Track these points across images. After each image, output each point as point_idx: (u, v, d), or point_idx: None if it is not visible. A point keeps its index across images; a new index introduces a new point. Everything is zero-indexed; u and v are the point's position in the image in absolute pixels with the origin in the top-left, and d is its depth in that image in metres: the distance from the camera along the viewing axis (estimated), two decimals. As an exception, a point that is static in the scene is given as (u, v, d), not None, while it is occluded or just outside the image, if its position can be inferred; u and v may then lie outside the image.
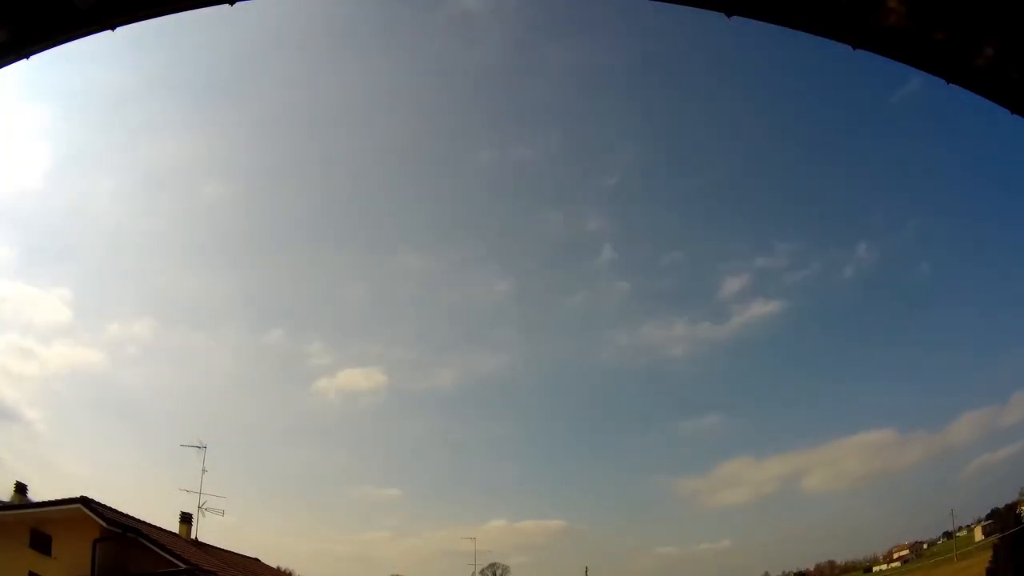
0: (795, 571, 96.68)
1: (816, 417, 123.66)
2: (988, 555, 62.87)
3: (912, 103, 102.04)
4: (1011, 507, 76.25)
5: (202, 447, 30.76)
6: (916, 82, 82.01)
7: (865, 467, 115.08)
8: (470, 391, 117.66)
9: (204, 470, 29.75)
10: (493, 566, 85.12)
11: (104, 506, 22.46)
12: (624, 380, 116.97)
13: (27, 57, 6.56)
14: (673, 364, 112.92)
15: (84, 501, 21.72)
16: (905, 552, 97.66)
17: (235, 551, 31.70)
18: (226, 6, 6.84)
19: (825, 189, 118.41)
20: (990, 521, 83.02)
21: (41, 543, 22.12)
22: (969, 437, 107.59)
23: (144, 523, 23.97)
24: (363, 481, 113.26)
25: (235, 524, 63.12)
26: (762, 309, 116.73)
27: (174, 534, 27.17)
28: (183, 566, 21.80)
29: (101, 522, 21.51)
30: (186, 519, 28.62)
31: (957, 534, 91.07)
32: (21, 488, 27.98)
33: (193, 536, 28.43)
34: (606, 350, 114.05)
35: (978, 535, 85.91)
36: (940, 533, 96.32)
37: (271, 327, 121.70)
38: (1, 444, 70.91)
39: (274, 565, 38.02)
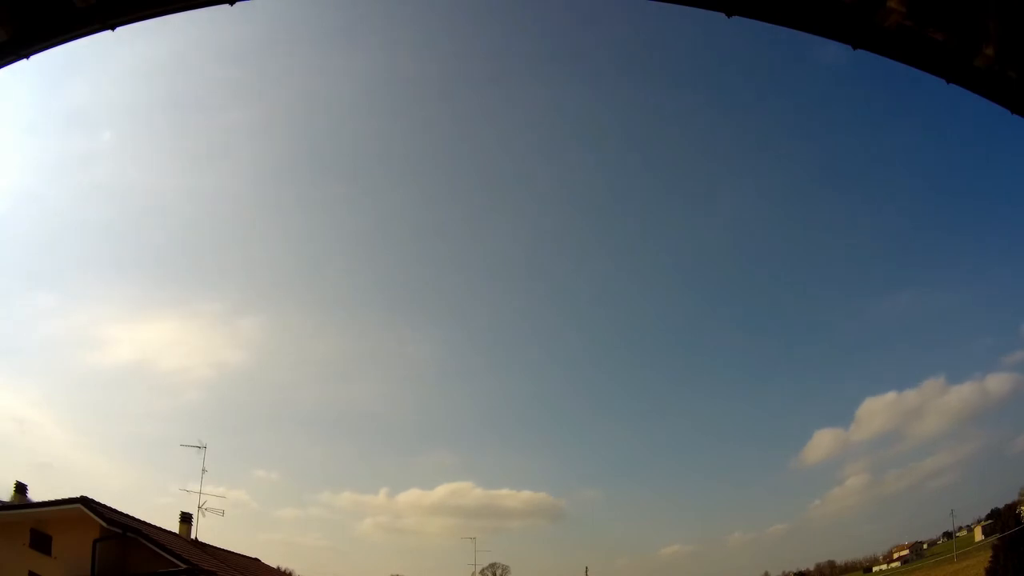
0: (795, 571, 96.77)
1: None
2: (988, 555, 62.87)
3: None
4: (1011, 507, 76.27)
5: (202, 447, 30.82)
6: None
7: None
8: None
9: (204, 470, 29.80)
10: (493, 566, 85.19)
11: (104, 506, 22.44)
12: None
13: (27, 57, 6.56)
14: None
15: (84, 501, 21.70)
16: (905, 552, 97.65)
17: (235, 551, 31.72)
18: (226, 6, 6.85)
19: None
20: (990, 521, 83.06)
21: (41, 543, 22.09)
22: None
23: (144, 523, 23.95)
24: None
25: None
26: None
27: (174, 534, 27.15)
28: (183, 566, 21.77)
29: (101, 522, 21.49)
30: (186, 519, 28.61)
31: (957, 534, 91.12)
32: (21, 488, 27.96)
33: (193, 536, 28.42)
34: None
35: (978, 535, 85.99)
36: (940, 533, 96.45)
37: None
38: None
39: (273, 565, 38.08)
